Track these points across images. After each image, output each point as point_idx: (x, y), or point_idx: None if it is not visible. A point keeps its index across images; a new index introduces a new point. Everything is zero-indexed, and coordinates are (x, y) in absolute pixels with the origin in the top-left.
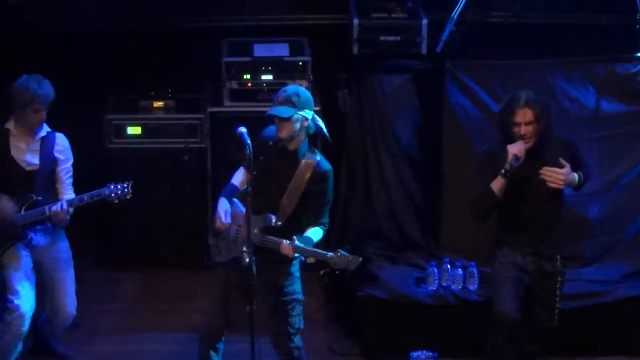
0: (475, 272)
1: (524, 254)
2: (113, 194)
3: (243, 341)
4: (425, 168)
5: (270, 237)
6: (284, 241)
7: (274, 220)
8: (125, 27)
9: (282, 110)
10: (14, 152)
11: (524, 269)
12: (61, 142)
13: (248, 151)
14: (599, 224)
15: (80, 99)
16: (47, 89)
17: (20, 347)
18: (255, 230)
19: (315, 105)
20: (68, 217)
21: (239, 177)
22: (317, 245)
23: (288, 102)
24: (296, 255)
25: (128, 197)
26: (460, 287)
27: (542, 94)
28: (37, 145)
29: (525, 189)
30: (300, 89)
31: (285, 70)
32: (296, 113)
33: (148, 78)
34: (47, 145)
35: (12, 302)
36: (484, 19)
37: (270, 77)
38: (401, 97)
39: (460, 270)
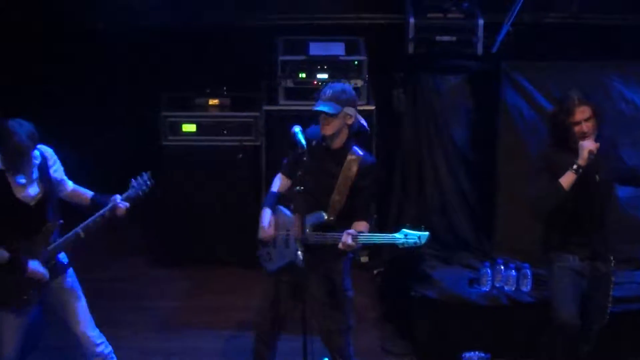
0: (529, 274)
1: (581, 257)
2: (140, 192)
3: (296, 339)
4: (479, 168)
5: (330, 233)
6: (346, 234)
7: (325, 217)
8: (182, 24)
9: (329, 107)
10: (17, 192)
11: (581, 273)
12: (50, 155)
13: (300, 150)
14: None
15: (136, 96)
16: (30, 131)
17: None
18: (308, 230)
19: (370, 104)
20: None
21: (277, 183)
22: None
23: (334, 99)
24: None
25: (151, 186)
26: (513, 289)
27: (599, 96)
28: (35, 174)
29: (585, 187)
30: (346, 87)
31: (340, 69)
32: (342, 110)
33: (203, 75)
34: (43, 168)
35: None
36: (540, 19)
37: (325, 75)
38: (456, 97)
39: (513, 272)
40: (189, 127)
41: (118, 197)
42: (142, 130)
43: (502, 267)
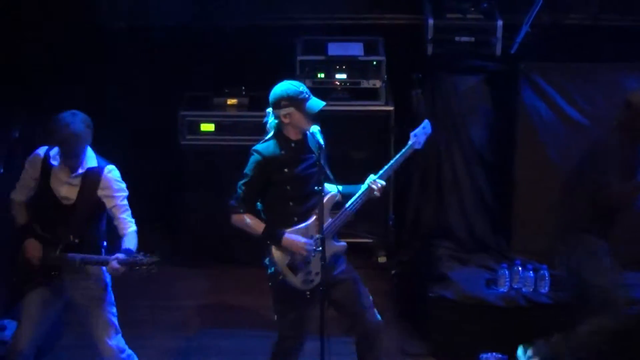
0: (547, 275)
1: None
2: (136, 266)
3: (313, 338)
4: (497, 169)
5: (354, 200)
6: (371, 182)
7: (337, 194)
8: (200, 24)
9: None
10: (54, 183)
11: None
12: (107, 179)
13: (320, 150)
14: None
15: (155, 95)
16: (80, 127)
17: None
18: (330, 220)
19: (389, 105)
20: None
21: (257, 221)
22: None
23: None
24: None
25: (148, 266)
26: (531, 290)
27: (618, 98)
28: (77, 180)
29: None
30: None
31: (359, 70)
32: None
33: (222, 75)
34: (89, 182)
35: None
36: (559, 20)
37: (344, 76)
38: (475, 98)
39: (531, 273)
40: (208, 127)
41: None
42: (161, 130)
43: (520, 268)
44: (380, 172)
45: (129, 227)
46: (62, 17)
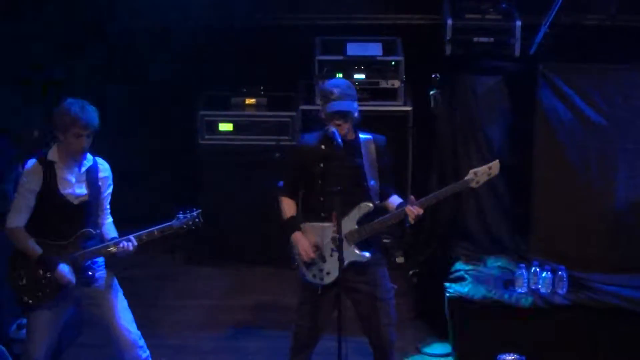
0: (565, 276)
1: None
2: (184, 225)
3: (330, 339)
4: (515, 170)
5: (383, 216)
6: (409, 205)
7: (371, 205)
8: (219, 23)
9: (348, 104)
10: (62, 187)
11: None
12: (104, 168)
13: (338, 150)
14: None
15: (173, 95)
16: (91, 115)
17: None
18: (356, 226)
19: (407, 105)
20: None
21: (287, 207)
22: None
23: (350, 96)
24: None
25: (198, 225)
26: (549, 291)
27: (637, 99)
28: (84, 175)
29: None
30: (347, 81)
31: (377, 70)
32: (355, 104)
33: (240, 75)
34: (92, 174)
35: None
36: (578, 21)
37: (362, 76)
38: (493, 98)
39: (549, 274)
40: (226, 126)
41: (155, 230)
42: (179, 129)
43: (538, 269)
44: (422, 199)
45: (109, 218)
46: (80, 17)
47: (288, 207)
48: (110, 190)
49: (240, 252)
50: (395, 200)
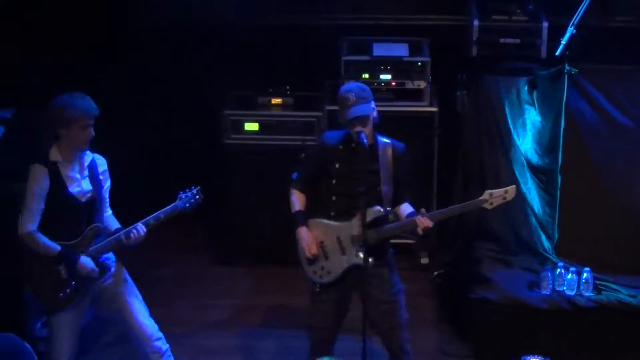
0: (590, 278)
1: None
2: (187, 204)
3: (354, 339)
4: (541, 171)
5: (392, 223)
6: (420, 216)
7: (382, 210)
8: (245, 23)
9: (364, 108)
10: (70, 185)
11: None
12: (102, 163)
13: (359, 153)
14: None
15: (199, 94)
16: (91, 103)
17: None
18: (364, 230)
19: (433, 106)
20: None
21: (297, 201)
22: None
23: (362, 99)
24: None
25: (199, 201)
26: (574, 293)
27: None
28: (86, 171)
29: None
30: (359, 84)
31: (403, 71)
32: (371, 106)
33: (266, 75)
34: (93, 169)
35: None
36: (605, 23)
37: (388, 76)
38: (519, 99)
39: (574, 276)
40: (252, 126)
41: (162, 214)
42: (205, 128)
43: (563, 271)
44: (434, 212)
45: (109, 210)
46: (103, 16)
47: (298, 200)
48: (109, 183)
49: (265, 252)
50: (406, 208)
